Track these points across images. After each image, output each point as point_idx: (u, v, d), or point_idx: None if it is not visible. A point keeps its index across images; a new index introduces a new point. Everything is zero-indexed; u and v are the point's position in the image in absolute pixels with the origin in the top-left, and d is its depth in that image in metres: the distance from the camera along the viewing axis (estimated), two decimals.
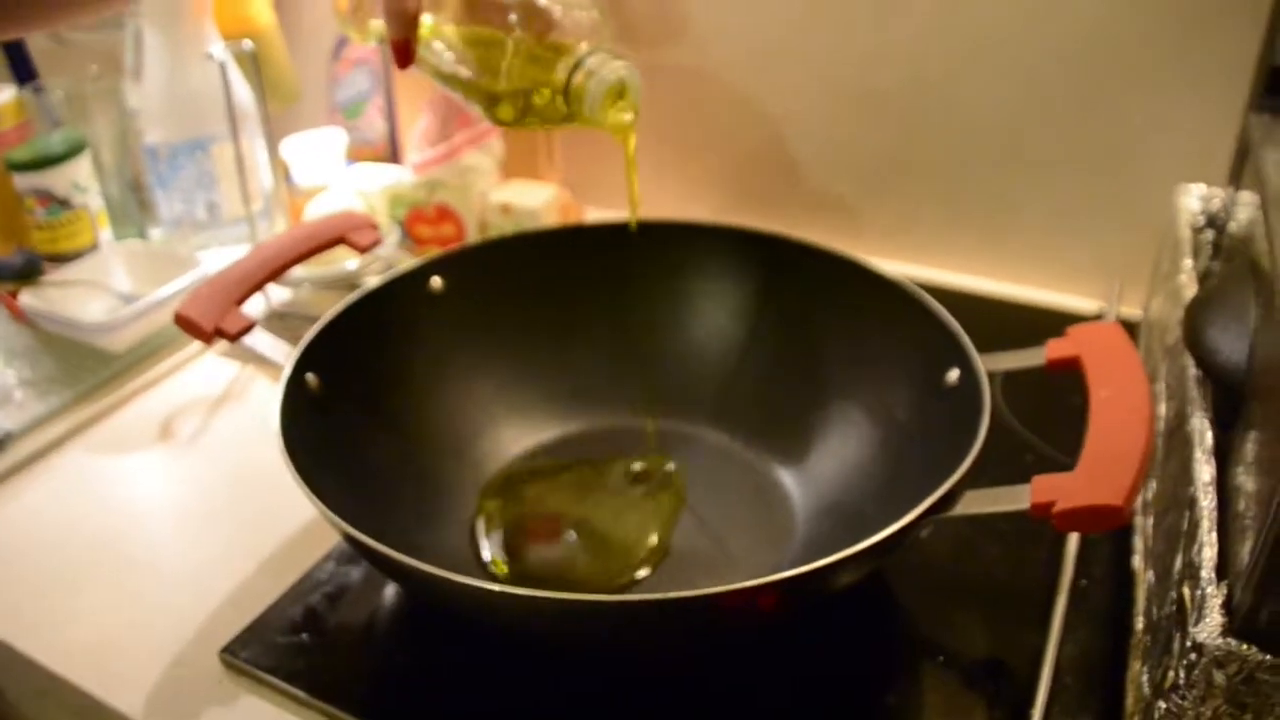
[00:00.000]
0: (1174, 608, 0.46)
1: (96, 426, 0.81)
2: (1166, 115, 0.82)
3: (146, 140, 0.99)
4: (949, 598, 0.61)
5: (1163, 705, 0.44)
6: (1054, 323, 0.89)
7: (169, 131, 0.98)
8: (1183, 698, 0.43)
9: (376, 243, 0.71)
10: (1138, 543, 0.62)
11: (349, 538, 0.49)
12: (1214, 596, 0.42)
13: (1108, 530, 0.46)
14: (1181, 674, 0.43)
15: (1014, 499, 0.46)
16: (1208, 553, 0.44)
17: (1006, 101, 0.88)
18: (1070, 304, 0.91)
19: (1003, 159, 0.90)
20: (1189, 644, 0.42)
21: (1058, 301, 0.92)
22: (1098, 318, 0.88)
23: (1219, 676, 0.41)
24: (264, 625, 0.60)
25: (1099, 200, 0.88)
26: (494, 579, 0.62)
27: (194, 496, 0.73)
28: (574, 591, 0.45)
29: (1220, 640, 0.40)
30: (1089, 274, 0.91)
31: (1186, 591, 0.45)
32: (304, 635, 0.59)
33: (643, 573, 0.63)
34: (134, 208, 1.07)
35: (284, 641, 0.59)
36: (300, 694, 0.55)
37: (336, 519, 0.49)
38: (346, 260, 0.90)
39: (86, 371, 0.86)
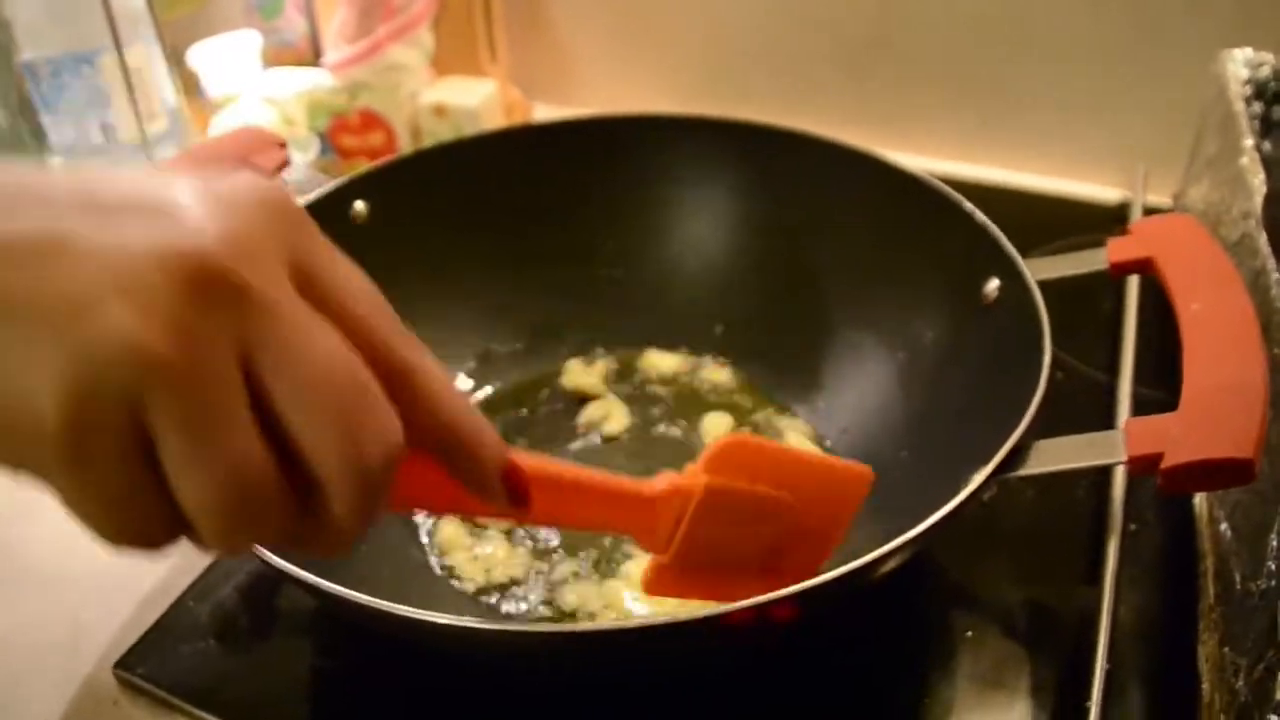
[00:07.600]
0: (1274, 582, 0.37)
1: None
2: None
3: (24, 55, 0.87)
4: (979, 550, 0.51)
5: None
6: (1069, 215, 0.81)
7: (47, 44, 0.85)
8: None
9: (284, 164, 0.59)
10: None
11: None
12: None
13: (1226, 488, 0.36)
14: None
15: (1103, 450, 0.36)
16: None
17: None
18: (1085, 192, 0.80)
19: (1008, 25, 0.79)
20: None
21: (1070, 190, 0.81)
22: (1121, 208, 0.77)
23: None
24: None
25: (1121, 70, 0.77)
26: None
27: None
28: None
29: None
30: (1106, 158, 0.80)
31: None
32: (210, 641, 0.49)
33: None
34: (27, 135, 0.93)
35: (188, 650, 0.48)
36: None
37: None
38: None
39: None
